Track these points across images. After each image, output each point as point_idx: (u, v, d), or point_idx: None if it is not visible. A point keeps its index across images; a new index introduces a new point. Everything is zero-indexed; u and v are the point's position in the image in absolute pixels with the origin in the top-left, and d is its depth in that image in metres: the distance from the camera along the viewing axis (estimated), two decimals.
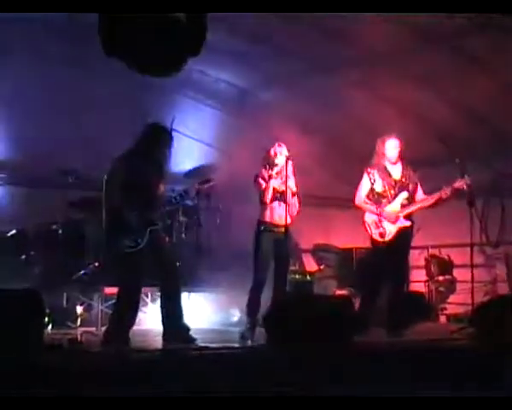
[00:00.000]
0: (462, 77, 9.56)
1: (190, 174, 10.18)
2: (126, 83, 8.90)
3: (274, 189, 7.58)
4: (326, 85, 10.40)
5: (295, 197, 7.69)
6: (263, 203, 7.58)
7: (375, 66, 9.79)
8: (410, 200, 7.94)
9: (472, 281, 8.26)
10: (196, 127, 10.73)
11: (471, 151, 10.56)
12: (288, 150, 7.67)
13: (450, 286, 11.12)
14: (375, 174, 7.91)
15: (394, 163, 7.96)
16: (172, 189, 9.84)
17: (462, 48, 9.22)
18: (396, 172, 7.98)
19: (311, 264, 11.66)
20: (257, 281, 7.49)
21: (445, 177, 8.03)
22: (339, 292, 10.62)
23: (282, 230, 7.49)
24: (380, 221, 7.84)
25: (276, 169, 7.66)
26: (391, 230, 7.85)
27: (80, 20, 6.45)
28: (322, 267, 11.45)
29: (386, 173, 7.93)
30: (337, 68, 10.18)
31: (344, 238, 12.01)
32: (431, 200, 7.92)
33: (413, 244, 8.36)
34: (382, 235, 7.84)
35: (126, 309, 6.83)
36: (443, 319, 10.81)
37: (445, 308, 11.00)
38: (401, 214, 7.87)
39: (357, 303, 7.75)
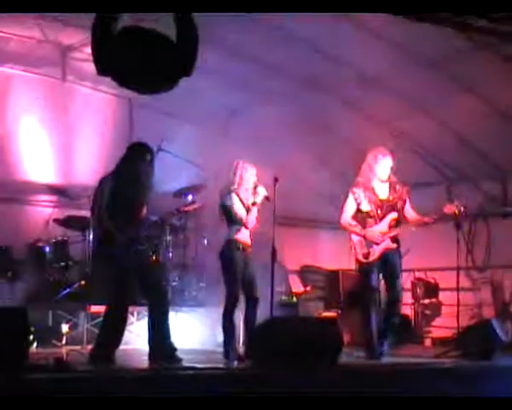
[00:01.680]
0: (450, 99, 9.64)
1: (179, 193, 10.16)
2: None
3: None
4: (314, 105, 10.46)
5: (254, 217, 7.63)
6: (248, 227, 7.58)
7: (365, 86, 9.86)
8: (400, 220, 7.77)
9: (458, 304, 8.28)
10: (184, 147, 10.73)
11: (458, 174, 10.67)
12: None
13: (436, 309, 11.13)
14: (361, 194, 7.73)
15: (384, 181, 7.78)
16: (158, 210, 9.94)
17: (452, 71, 9.30)
18: (383, 191, 7.79)
19: (297, 285, 11.66)
20: (233, 301, 7.48)
21: (432, 199, 8.02)
22: (325, 314, 10.62)
23: (250, 250, 7.58)
24: (365, 242, 7.72)
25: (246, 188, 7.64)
26: (375, 251, 7.69)
27: None
28: (308, 289, 11.45)
29: (372, 193, 7.74)
30: (326, 88, 10.25)
31: (330, 260, 12.00)
32: (417, 222, 7.77)
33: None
34: (366, 256, 7.71)
35: (113, 329, 6.82)
36: (428, 342, 10.82)
37: (431, 331, 11.01)
38: (387, 235, 7.69)
39: (343, 325, 7.72)
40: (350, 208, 7.83)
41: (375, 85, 9.83)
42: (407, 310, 11.20)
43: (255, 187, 7.58)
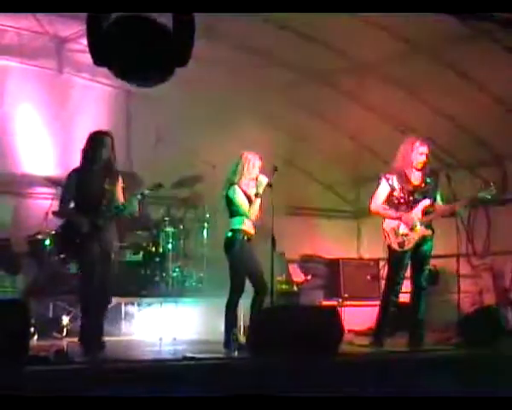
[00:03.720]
0: (447, 87, 9.63)
1: (177, 184, 10.13)
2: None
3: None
4: (315, 95, 10.45)
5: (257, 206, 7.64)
6: (254, 218, 7.61)
7: (365, 75, 9.85)
8: (433, 207, 7.69)
9: (458, 292, 8.27)
10: (182, 137, 10.72)
11: (457, 161, 10.67)
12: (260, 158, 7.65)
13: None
14: (394, 180, 7.65)
15: (418, 169, 7.69)
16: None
17: (450, 59, 9.29)
18: (416, 178, 7.70)
19: (297, 274, 11.65)
20: (236, 291, 7.52)
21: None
22: (325, 302, 10.62)
23: (254, 239, 7.61)
24: (399, 230, 7.63)
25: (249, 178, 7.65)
26: (410, 239, 7.62)
27: None
28: (308, 278, 11.44)
29: (405, 179, 7.64)
30: (327, 78, 10.24)
31: (331, 249, 12.00)
32: (450, 209, 7.75)
33: None
34: (402, 245, 7.63)
35: (87, 318, 6.96)
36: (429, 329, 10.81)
37: (431, 319, 10.99)
38: (422, 222, 7.61)
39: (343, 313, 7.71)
40: (382, 194, 7.73)
41: (371, 73, 9.81)
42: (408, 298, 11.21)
43: (256, 177, 7.60)
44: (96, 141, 7.13)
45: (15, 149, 10.18)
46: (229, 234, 7.62)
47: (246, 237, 7.57)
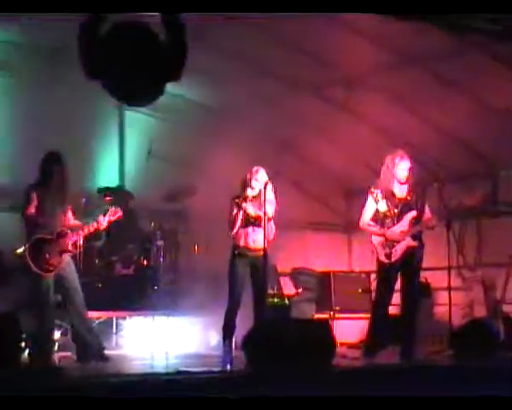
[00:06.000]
0: (439, 98, 9.67)
1: (169, 198, 10.14)
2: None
3: (248, 214, 7.58)
4: (306, 107, 10.47)
5: (271, 222, 7.66)
6: (231, 230, 7.61)
7: (355, 87, 9.88)
8: (420, 218, 7.70)
9: (449, 304, 8.28)
10: (172, 149, 10.73)
11: (448, 173, 10.69)
12: (268, 173, 7.66)
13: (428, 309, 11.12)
14: (379, 194, 7.72)
15: (403, 183, 7.74)
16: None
17: (441, 70, 9.34)
18: (401, 191, 7.75)
19: (288, 287, 11.64)
20: (231, 306, 7.53)
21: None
22: (317, 315, 10.62)
23: (257, 254, 7.54)
24: (386, 242, 7.67)
25: (251, 193, 7.66)
26: (397, 250, 7.63)
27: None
28: (300, 291, 11.44)
29: (389, 193, 7.71)
30: (318, 89, 10.26)
31: (322, 262, 12.01)
32: (437, 220, 7.76)
33: None
34: (388, 256, 7.65)
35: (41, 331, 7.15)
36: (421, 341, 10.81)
37: (423, 331, 11.00)
38: (408, 234, 7.62)
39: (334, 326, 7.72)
40: (369, 210, 7.81)
41: (362, 85, 9.85)
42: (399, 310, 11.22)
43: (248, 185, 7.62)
44: (49, 163, 7.37)
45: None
46: None
47: (237, 252, 7.62)
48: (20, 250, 7.44)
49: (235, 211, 7.57)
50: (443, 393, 5.43)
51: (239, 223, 7.58)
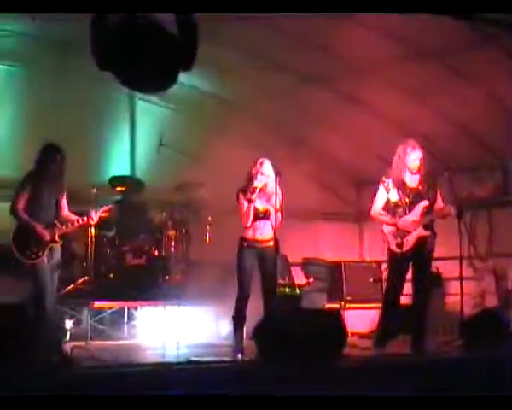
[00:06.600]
0: (451, 90, 9.64)
1: (180, 188, 10.17)
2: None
3: (256, 208, 7.56)
4: (315, 98, 10.45)
5: (278, 213, 7.63)
6: (244, 224, 7.60)
7: (366, 79, 9.86)
8: (432, 208, 7.72)
9: (461, 294, 8.27)
10: (183, 141, 10.75)
11: (459, 163, 10.67)
12: (273, 165, 7.62)
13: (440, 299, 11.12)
14: (390, 184, 7.71)
15: (414, 173, 7.73)
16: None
17: (453, 63, 9.31)
18: (412, 181, 7.74)
19: (300, 277, 11.66)
20: (241, 297, 7.51)
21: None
22: (328, 305, 10.63)
23: (264, 245, 7.52)
24: (397, 232, 7.66)
25: (259, 185, 7.61)
26: (409, 240, 7.63)
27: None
28: (311, 281, 11.44)
29: (401, 182, 7.70)
30: (327, 81, 10.25)
31: (333, 251, 12.01)
32: (448, 209, 7.74)
33: None
34: (400, 246, 7.64)
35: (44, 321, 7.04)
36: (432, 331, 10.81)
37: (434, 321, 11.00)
38: (420, 224, 7.61)
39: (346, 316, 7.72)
40: (380, 199, 7.81)
41: (374, 77, 9.83)
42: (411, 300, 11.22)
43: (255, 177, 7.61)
44: (47, 154, 7.36)
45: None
46: None
47: (245, 244, 7.55)
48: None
49: (245, 205, 7.54)
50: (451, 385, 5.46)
51: (251, 217, 7.56)
